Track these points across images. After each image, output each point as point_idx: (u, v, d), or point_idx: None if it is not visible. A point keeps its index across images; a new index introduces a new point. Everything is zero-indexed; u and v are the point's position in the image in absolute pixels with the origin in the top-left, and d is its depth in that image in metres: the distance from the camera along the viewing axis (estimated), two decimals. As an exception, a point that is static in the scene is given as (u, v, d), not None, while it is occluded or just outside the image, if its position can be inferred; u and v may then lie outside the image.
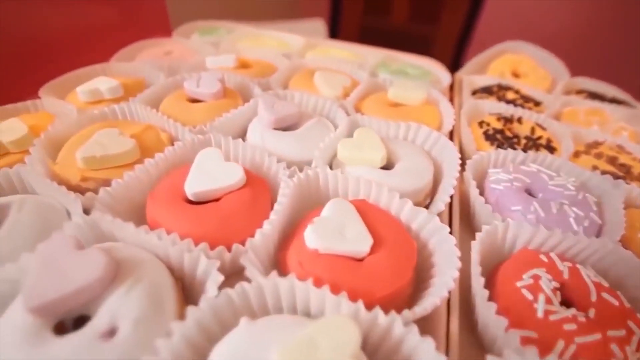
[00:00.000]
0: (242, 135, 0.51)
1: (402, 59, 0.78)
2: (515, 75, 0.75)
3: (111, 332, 0.26)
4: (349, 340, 0.23)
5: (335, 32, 2.81)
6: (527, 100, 0.63)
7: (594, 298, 0.31)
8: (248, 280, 0.29)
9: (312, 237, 0.32)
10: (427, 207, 0.44)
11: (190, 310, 0.26)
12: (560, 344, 0.27)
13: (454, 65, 0.75)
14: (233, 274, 0.33)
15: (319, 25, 1.79)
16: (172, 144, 0.45)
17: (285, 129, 0.49)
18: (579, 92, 0.71)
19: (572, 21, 2.17)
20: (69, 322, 0.28)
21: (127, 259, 0.29)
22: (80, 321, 0.27)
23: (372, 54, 0.77)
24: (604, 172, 0.45)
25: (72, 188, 0.39)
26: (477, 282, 0.32)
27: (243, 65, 0.65)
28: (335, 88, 0.57)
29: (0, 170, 0.39)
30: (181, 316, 0.29)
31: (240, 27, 0.87)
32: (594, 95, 0.68)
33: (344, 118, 0.50)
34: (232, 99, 0.52)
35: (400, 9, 2.77)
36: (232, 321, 0.28)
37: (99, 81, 0.53)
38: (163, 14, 0.99)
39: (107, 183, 0.39)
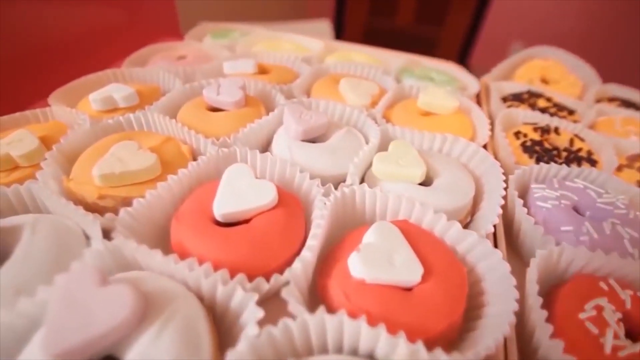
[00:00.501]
0: (266, 146, 0.48)
1: (425, 63, 0.75)
2: (545, 81, 0.72)
3: (140, 380, 0.23)
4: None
5: (340, 32, 2.79)
6: (560, 109, 0.60)
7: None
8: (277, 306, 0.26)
9: (359, 266, 0.29)
10: (466, 226, 0.41)
11: (231, 354, 0.23)
12: None
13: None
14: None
15: (325, 26, 1.77)
16: (194, 158, 0.43)
17: (313, 140, 0.46)
18: (611, 99, 0.68)
19: (579, 21, 2.15)
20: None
21: (156, 293, 0.26)
22: (106, 361, 0.24)
23: (393, 58, 0.74)
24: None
25: (88, 206, 0.36)
26: (538, 316, 0.29)
27: (262, 70, 0.62)
28: (364, 96, 0.54)
29: (11, 186, 0.36)
30: (216, 354, 0.26)
31: (254, 30, 0.84)
32: (628, 103, 0.65)
33: (374, 128, 0.47)
34: (254, 108, 0.49)
35: (406, 10, 2.75)
36: (273, 360, 0.25)
37: (113, 88, 0.50)
38: (173, 15, 0.96)
39: (125, 201, 0.36)
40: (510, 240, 0.41)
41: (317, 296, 0.32)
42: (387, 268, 0.29)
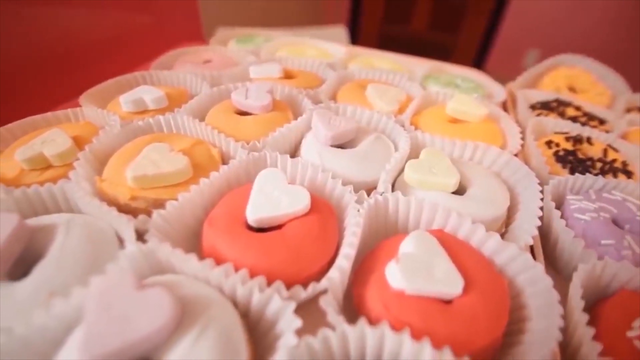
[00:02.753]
0: (295, 151, 0.47)
1: (449, 70, 0.74)
2: (572, 90, 0.70)
3: (182, 388, 0.22)
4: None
5: (355, 39, 2.79)
6: (591, 118, 0.59)
7: None
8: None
9: (399, 276, 0.28)
10: (501, 237, 0.40)
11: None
12: None
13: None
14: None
15: (341, 32, 1.78)
16: (223, 161, 0.42)
17: (341, 146, 0.45)
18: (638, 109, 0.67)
19: (597, 27, 2.12)
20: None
21: (192, 298, 0.26)
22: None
23: (416, 65, 0.74)
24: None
25: (119, 207, 0.36)
26: (585, 333, 0.28)
27: (287, 75, 0.61)
28: (391, 103, 0.53)
29: (44, 185, 0.36)
30: (252, 361, 0.26)
31: (277, 35, 0.84)
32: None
33: (403, 135, 0.46)
34: (282, 112, 0.49)
35: (421, 17, 2.74)
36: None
37: (143, 90, 0.50)
38: (196, 20, 0.97)
39: (156, 203, 0.36)
40: (546, 252, 0.40)
41: (351, 305, 0.31)
42: (427, 279, 0.28)
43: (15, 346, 0.23)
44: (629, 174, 0.47)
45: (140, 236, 0.32)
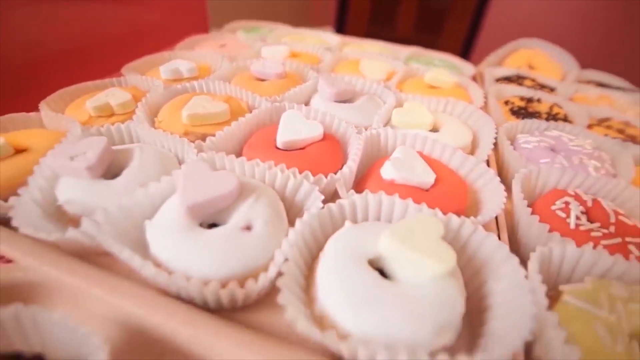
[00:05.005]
0: (306, 107, 0.59)
1: (429, 54, 0.87)
2: (531, 67, 0.84)
3: (247, 228, 0.33)
4: (437, 228, 0.31)
5: (342, 42, 2.91)
6: (543, 87, 0.72)
7: (612, 219, 0.39)
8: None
9: (390, 170, 0.40)
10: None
11: (306, 216, 0.34)
12: (590, 245, 0.35)
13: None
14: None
15: (329, 33, 1.90)
16: (250, 112, 0.53)
17: (342, 103, 0.57)
18: (588, 82, 0.80)
19: (573, 26, 2.28)
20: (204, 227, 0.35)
21: (245, 182, 0.37)
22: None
23: (401, 50, 0.86)
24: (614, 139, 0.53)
25: (172, 142, 0.46)
26: (521, 206, 0.40)
27: (292, 55, 0.73)
28: (380, 73, 0.66)
29: (114, 125, 0.47)
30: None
31: (279, 27, 0.96)
32: (601, 85, 0.77)
33: (390, 95, 0.58)
34: (292, 79, 0.61)
35: (405, 20, 2.89)
36: (330, 228, 0.35)
37: (178, 62, 0.61)
38: (203, 15, 1.09)
39: (203, 137, 0.47)
40: (499, 169, 0.52)
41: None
42: (410, 172, 0.40)
43: (119, 216, 0.33)
44: (568, 122, 0.60)
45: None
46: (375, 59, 0.74)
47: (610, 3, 1.70)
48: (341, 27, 2.86)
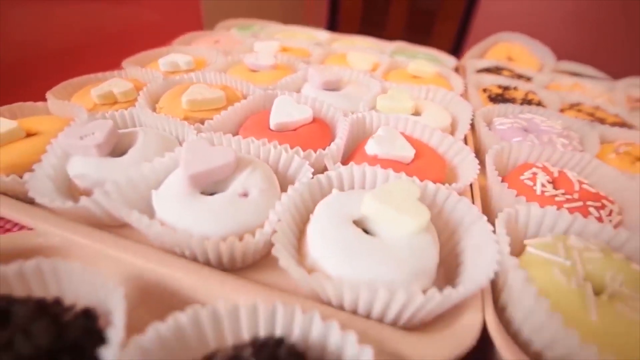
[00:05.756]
0: (296, 96, 0.63)
1: (413, 48, 0.92)
2: (510, 59, 0.89)
3: (244, 195, 0.37)
4: (413, 191, 0.34)
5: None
6: (520, 77, 0.76)
7: (577, 188, 0.43)
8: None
9: (374, 145, 0.43)
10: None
11: (297, 184, 0.37)
12: (553, 207, 0.39)
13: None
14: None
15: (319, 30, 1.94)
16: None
17: (330, 91, 0.60)
18: (563, 73, 0.85)
19: (560, 27, 2.34)
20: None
21: (242, 157, 0.40)
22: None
23: (387, 45, 0.91)
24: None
25: (172, 128, 0.50)
26: (493, 176, 0.43)
27: (284, 50, 0.77)
28: (367, 63, 0.70)
29: (118, 111, 0.50)
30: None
31: (271, 24, 1.00)
32: (576, 75, 0.82)
33: (375, 83, 0.62)
34: (284, 70, 0.65)
35: (396, 23, 2.95)
36: (319, 197, 0.39)
37: (176, 56, 0.65)
38: (197, 15, 1.13)
39: (201, 122, 0.50)
40: (477, 146, 0.56)
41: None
42: (391, 147, 0.44)
43: (127, 187, 0.37)
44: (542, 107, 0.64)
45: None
46: (361, 51, 0.78)
47: (597, 3, 1.76)
48: (333, 30, 2.90)
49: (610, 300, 0.30)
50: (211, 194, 0.38)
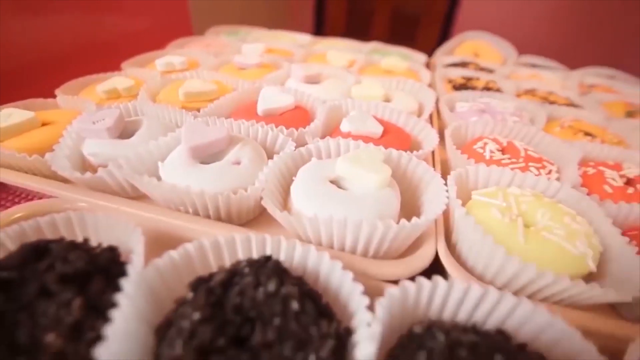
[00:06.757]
0: (280, 89, 0.70)
1: (387, 48, 1.00)
2: (476, 55, 0.97)
3: (237, 163, 0.43)
4: (378, 155, 0.41)
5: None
6: (483, 70, 0.84)
7: (522, 154, 0.51)
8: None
9: (347, 124, 0.51)
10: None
11: (281, 154, 0.44)
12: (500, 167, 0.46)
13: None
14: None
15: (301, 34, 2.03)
16: (235, 92, 0.64)
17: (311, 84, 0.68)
18: (524, 65, 0.93)
19: (540, 28, 2.45)
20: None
21: (234, 135, 0.47)
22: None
23: (364, 45, 0.99)
24: (535, 103, 0.66)
25: (172, 116, 0.56)
26: (450, 147, 0.51)
27: (269, 51, 0.84)
28: (344, 61, 0.77)
29: (122, 104, 0.56)
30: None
31: (255, 30, 1.08)
32: (534, 66, 0.91)
33: (351, 77, 0.70)
34: (269, 68, 0.72)
35: (380, 30, 3.05)
36: (301, 164, 0.45)
37: (171, 57, 0.71)
38: (187, 21, 1.20)
39: (197, 111, 0.57)
40: (440, 127, 0.64)
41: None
42: (362, 125, 0.51)
43: (136, 160, 0.43)
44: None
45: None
46: (340, 50, 0.86)
47: (572, 3, 1.89)
48: (318, 36, 2.99)
49: (538, 230, 0.37)
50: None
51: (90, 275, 0.29)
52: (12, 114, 0.49)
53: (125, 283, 0.26)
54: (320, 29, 2.94)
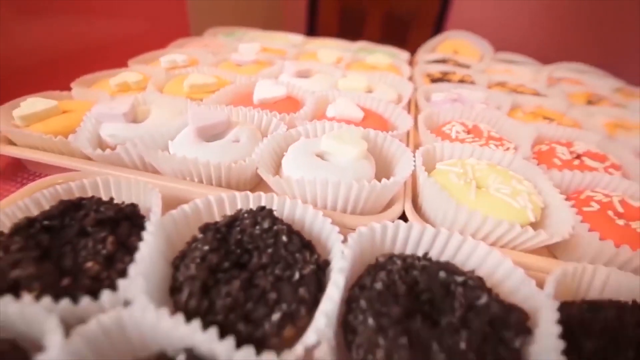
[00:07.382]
0: (274, 83, 0.77)
1: (373, 46, 1.07)
2: (455, 52, 1.05)
3: (236, 141, 0.50)
4: (357, 133, 0.49)
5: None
6: (460, 65, 0.92)
7: (485, 135, 0.58)
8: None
9: (331, 110, 0.58)
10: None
11: (274, 133, 0.51)
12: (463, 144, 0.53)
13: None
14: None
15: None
16: (233, 85, 0.71)
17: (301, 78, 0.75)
18: (500, 61, 1.01)
19: (532, 28, 2.54)
20: (207, 147, 0.52)
21: (233, 120, 0.54)
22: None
23: (352, 45, 1.06)
24: (503, 92, 0.73)
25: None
26: (423, 129, 0.58)
27: (264, 50, 0.92)
28: (332, 58, 0.85)
29: (132, 95, 0.63)
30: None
31: (251, 31, 1.15)
32: (509, 62, 0.98)
33: (339, 72, 0.77)
34: (264, 64, 0.79)
35: (372, 32, 3.13)
36: (291, 142, 0.52)
37: (174, 55, 0.79)
38: (185, 22, 1.27)
39: (200, 101, 0.64)
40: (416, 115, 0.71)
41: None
42: (345, 110, 0.58)
43: (150, 140, 0.50)
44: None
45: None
46: (329, 48, 0.93)
47: (567, 4, 1.98)
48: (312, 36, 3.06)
49: (488, 190, 0.44)
50: (211, 145, 0.52)
51: (118, 222, 0.36)
52: (37, 103, 0.56)
53: (149, 225, 0.33)
54: (313, 31, 3.01)
